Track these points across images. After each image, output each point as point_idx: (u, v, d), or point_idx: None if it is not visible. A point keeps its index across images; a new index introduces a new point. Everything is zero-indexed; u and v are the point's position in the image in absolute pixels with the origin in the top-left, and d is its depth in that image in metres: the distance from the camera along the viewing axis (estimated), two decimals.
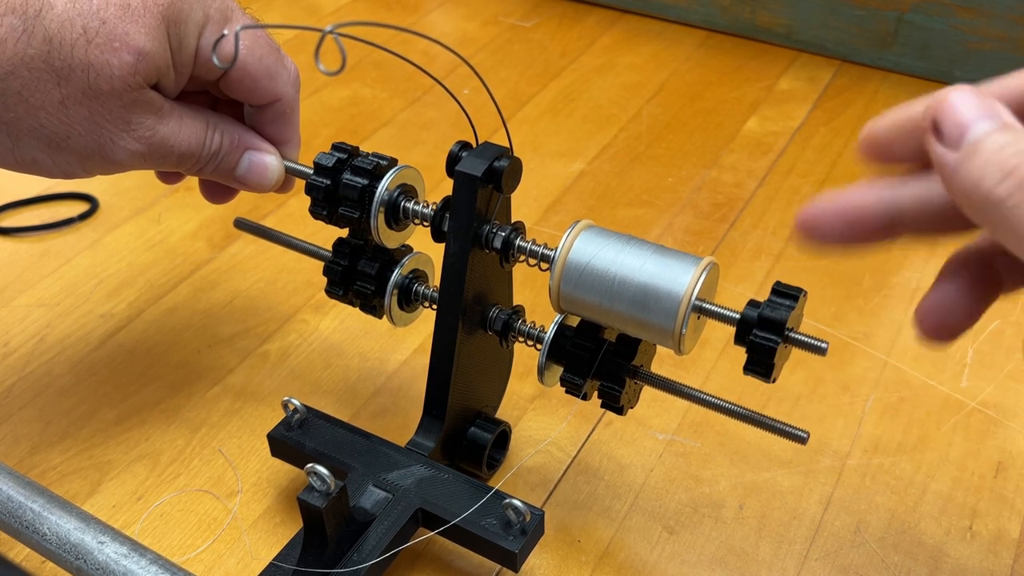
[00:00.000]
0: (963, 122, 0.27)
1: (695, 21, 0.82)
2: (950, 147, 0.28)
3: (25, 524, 0.37)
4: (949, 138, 0.28)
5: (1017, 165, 0.26)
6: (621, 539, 0.42)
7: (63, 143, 0.37)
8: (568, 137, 0.69)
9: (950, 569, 0.41)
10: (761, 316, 0.34)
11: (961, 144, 0.27)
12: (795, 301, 0.34)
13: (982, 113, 0.27)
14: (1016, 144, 0.26)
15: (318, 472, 0.35)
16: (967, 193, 0.27)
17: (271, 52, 0.40)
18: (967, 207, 0.28)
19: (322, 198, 0.41)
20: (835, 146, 0.68)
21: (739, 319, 0.34)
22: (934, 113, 0.28)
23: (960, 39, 0.72)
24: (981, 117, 0.27)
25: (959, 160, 0.27)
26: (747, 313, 0.34)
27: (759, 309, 0.34)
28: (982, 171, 0.27)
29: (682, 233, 0.60)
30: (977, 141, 0.27)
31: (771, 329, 0.33)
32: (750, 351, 0.34)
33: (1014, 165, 0.26)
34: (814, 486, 0.44)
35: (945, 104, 0.28)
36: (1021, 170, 0.26)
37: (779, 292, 0.34)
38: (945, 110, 0.28)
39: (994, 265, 0.32)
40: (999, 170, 0.26)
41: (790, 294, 0.34)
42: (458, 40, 0.81)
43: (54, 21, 0.35)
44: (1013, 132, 0.27)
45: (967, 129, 0.27)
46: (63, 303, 0.54)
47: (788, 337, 0.34)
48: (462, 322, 0.39)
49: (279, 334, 0.53)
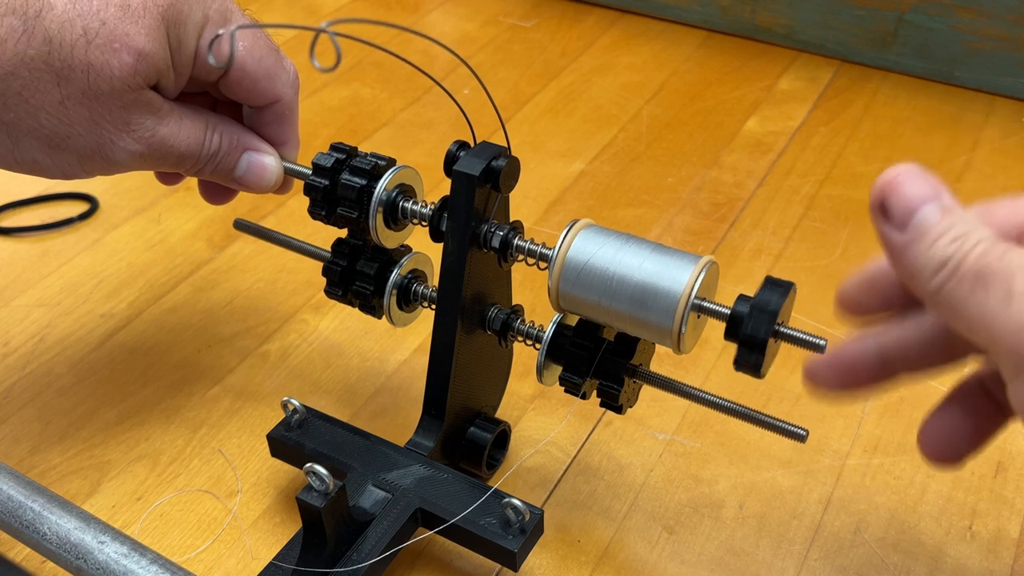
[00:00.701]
0: (910, 204, 0.28)
1: (695, 21, 0.82)
2: (897, 228, 0.29)
3: (25, 524, 0.37)
4: (896, 219, 0.29)
5: (951, 254, 0.27)
6: (621, 539, 0.42)
7: (63, 143, 0.37)
8: (568, 137, 0.69)
9: (950, 569, 0.41)
10: (750, 311, 0.34)
11: (907, 226, 0.28)
12: (784, 296, 0.34)
13: (928, 196, 0.28)
14: (954, 230, 0.28)
15: (317, 472, 0.35)
16: (911, 276, 0.28)
17: (270, 53, 0.40)
18: (912, 287, 0.29)
19: (321, 198, 0.41)
20: (835, 146, 0.68)
21: (729, 314, 0.34)
22: (883, 192, 0.29)
23: (960, 39, 0.72)
24: (927, 200, 0.28)
25: (905, 243, 0.28)
26: (737, 308, 0.34)
27: (748, 303, 0.34)
28: (924, 258, 0.28)
29: (682, 233, 0.60)
30: (922, 226, 0.28)
31: (760, 324, 0.33)
32: (740, 346, 0.34)
33: (949, 254, 0.27)
34: (814, 486, 0.44)
35: (892, 185, 0.29)
36: (955, 259, 0.27)
37: (768, 287, 0.34)
38: (893, 191, 0.29)
39: (990, 388, 0.33)
40: (938, 259, 0.27)
41: (779, 288, 0.34)
42: (458, 40, 0.81)
43: (54, 22, 0.35)
44: (954, 216, 0.28)
45: (914, 212, 0.28)
46: (63, 303, 0.54)
47: (778, 332, 0.34)
48: (461, 322, 0.39)
49: (279, 334, 0.53)
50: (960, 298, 0.27)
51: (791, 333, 0.34)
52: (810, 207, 0.62)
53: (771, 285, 0.34)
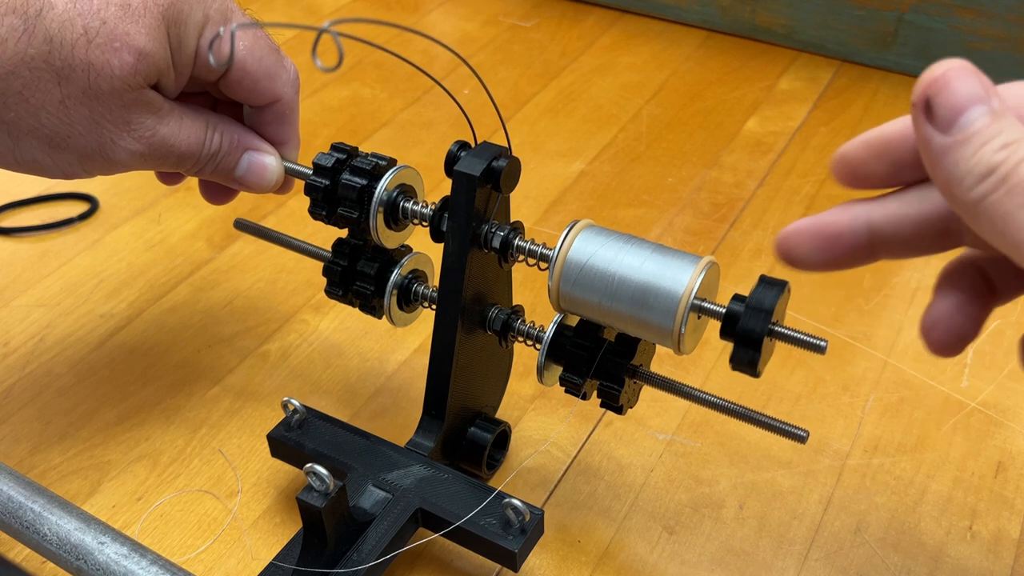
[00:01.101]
0: (958, 105, 0.26)
1: (695, 21, 0.82)
2: (940, 130, 0.26)
3: (25, 524, 0.37)
4: (941, 120, 0.26)
5: (1002, 162, 0.25)
6: (621, 539, 0.42)
7: (63, 143, 0.37)
8: (568, 137, 0.69)
9: (950, 569, 0.41)
10: (745, 310, 0.33)
11: (952, 129, 0.26)
12: (779, 294, 0.34)
13: (978, 97, 0.26)
14: (1004, 136, 0.26)
15: (317, 472, 0.35)
16: (949, 183, 0.26)
17: (271, 53, 0.40)
18: (947, 195, 0.27)
19: (321, 198, 0.41)
20: (835, 146, 0.67)
21: (724, 313, 0.34)
22: (927, 90, 0.27)
23: (960, 39, 0.72)
24: (977, 101, 0.26)
25: (948, 146, 0.26)
26: (732, 307, 0.34)
27: (743, 302, 0.34)
28: (968, 164, 0.26)
29: (682, 233, 0.60)
30: (969, 129, 0.26)
31: (755, 322, 0.33)
32: (735, 344, 0.34)
33: (999, 161, 0.25)
34: (814, 486, 0.44)
35: (941, 81, 0.26)
36: (1004, 168, 0.25)
37: (763, 285, 0.34)
38: (940, 88, 0.26)
39: (988, 272, 0.31)
40: (985, 166, 0.25)
41: (774, 287, 0.34)
42: (458, 40, 0.81)
43: (55, 21, 0.35)
44: (1003, 122, 0.26)
45: (961, 114, 0.26)
46: (63, 303, 0.54)
47: (773, 331, 0.34)
48: (461, 322, 0.39)
49: (279, 334, 0.53)
50: (1007, 211, 0.25)
51: (786, 332, 0.34)
52: (810, 207, 0.62)
53: (765, 284, 0.34)
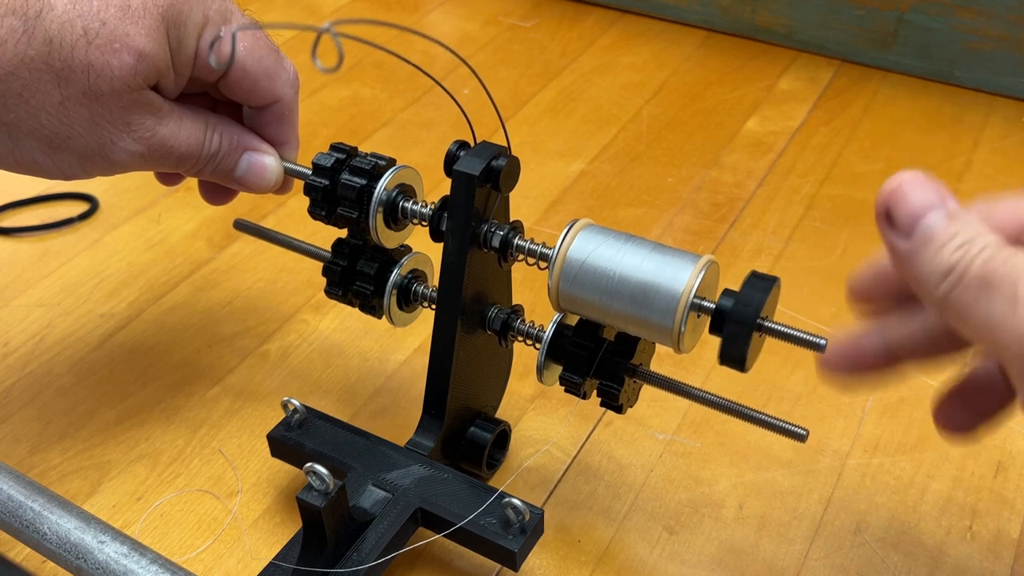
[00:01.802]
0: (915, 212, 0.28)
1: (695, 21, 0.82)
2: (903, 236, 0.29)
3: (25, 524, 0.37)
4: (901, 227, 0.29)
5: (959, 260, 0.27)
6: (621, 539, 0.42)
7: (63, 144, 0.37)
8: (568, 137, 0.69)
9: (950, 569, 0.41)
10: (734, 305, 0.34)
11: (912, 235, 0.28)
12: (767, 290, 0.34)
13: (932, 204, 0.28)
14: (960, 237, 0.28)
15: (317, 472, 0.35)
16: (918, 283, 0.29)
17: (270, 53, 0.40)
18: (919, 294, 0.29)
19: (321, 198, 0.41)
20: (835, 146, 0.68)
21: (714, 308, 0.34)
22: (887, 201, 0.29)
23: (960, 39, 0.72)
24: (932, 208, 0.28)
25: (911, 250, 0.28)
26: (721, 302, 0.34)
27: (732, 298, 0.34)
28: (931, 265, 0.28)
29: (682, 233, 0.60)
30: (928, 233, 0.28)
31: (743, 317, 0.33)
32: (723, 340, 0.34)
33: (956, 260, 0.27)
34: (814, 486, 0.44)
35: (897, 192, 0.29)
36: (960, 266, 0.27)
37: (752, 281, 0.34)
38: (898, 199, 0.29)
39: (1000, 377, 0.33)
40: (945, 264, 0.28)
41: (763, 283, 0.34)
42: (458, 40, 0.81)
43: (54, 22, 0.35)
44: (959, 222, 0.28)
45: (919, 219, 0.28)
46: (63, 303, 0.54)
47: (762, 326, 0.34)
48: (461, 321, 0.39)
49: (279, 334, 0.53)
50: (966, 304, 0.27)
51: (779, 328, 0.34)
52: (810, 207, 0.62)
53: (755, 280, 0.34)
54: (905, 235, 0.29)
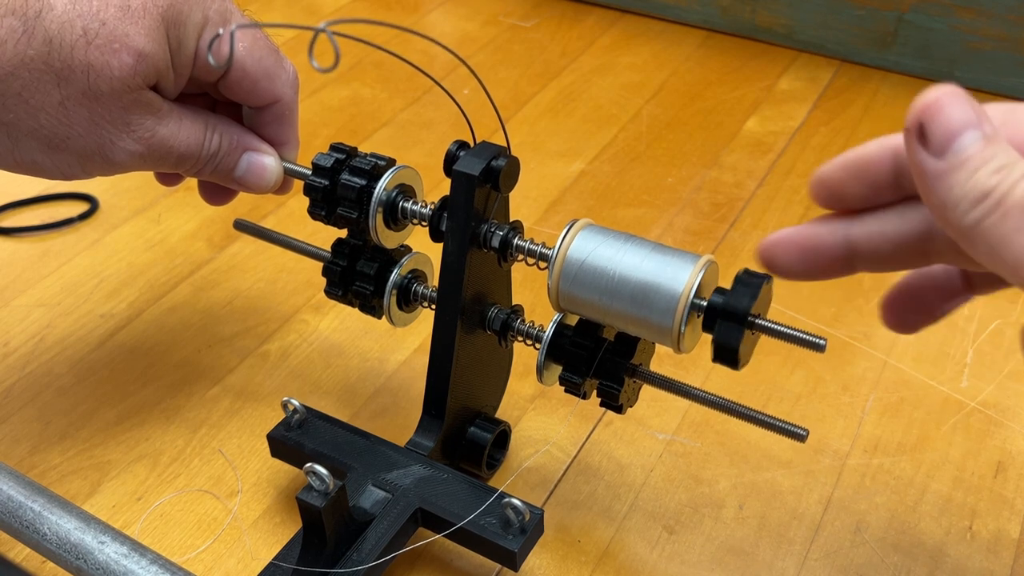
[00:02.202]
0: (951, 130, 0.26)
1: (695, 21, 0.82)
2: (934, 154, 0.27)
3: (25, 524, 0.37)
4: (935, 145, 0.27)
5: (996, 185, 0.25)
6: (621, 539, 0.42)
7: (63, 144, 0.37)
8: (568, 137, 0.69)
9: (950, 569, 0.41)
10: (726, 303, 0.34)
11: (946, 154, 0.26)
12: (759, 287, 0.34)
13: (971, 122, 0.26)
14: (998, 160, 0.26)
15: (317, 472, 0.35)
16: (944, 208, 0.27)
17: (270, 54, 0.40)
18: (941, 219, 0.27)
19: (320, 199, 0.41)
20: (835, 146, 0.68)
21: (706, 306, 0.34)
22: (921, 115, 0.27)
23: (960, 39, 0.72)
24: (970, 127, 0.26)
25: (942, 171, 0.26)
26: (713, 300, 0.34)
27: (724, 295, 0.34)
28: (963, 189, 0.26)
29: (682, 233, 0.60)
30: (963, 154, 0.26)
31: (735, 316, 0.33)
32: (715, 337, 0.34)
33: (993, 185, 0.26)
34: (814, 486, 0.44)
35: (934, 107, 0.27)
36: (998, 191, 0.25)
37: (744, 279, 0.34)
38: (934, 114, 0.27)
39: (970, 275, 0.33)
40: (979, 190, 0.26)
41: (755, 281, 0.34)
42: (458, 40, 0.81)
43: (54, 22, 0.35)
44: (996, 146, 0.26)
45: (955, 138, 0.26)
46: (63, 303, 0.54)
47: (754, 323, 0.34)
48: (461, 322, 0.39)
49: (279, 334, 0.53)
50: (1003, 234, 0.25)
51: (768, 325, 0.34)
52: (810, 207, 0.62)
53: (747, 277, 0.34)
54: (938, 153, 0.26)
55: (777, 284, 0.36)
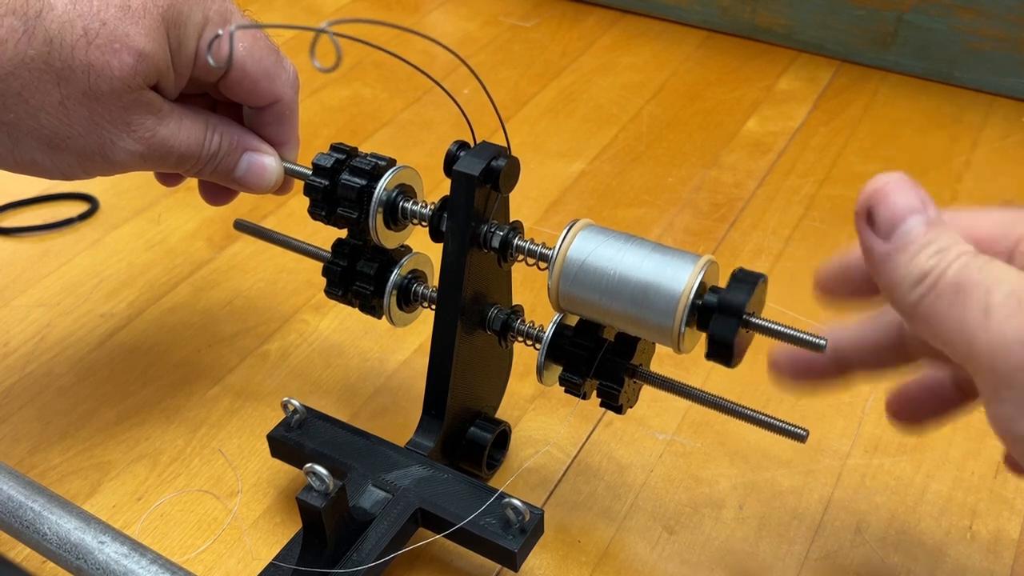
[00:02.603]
0: (896, 215, 0.28)
1: (695, 21, 0.82)
2: (882, 237, 0.29)
3: (25, 524, 0.37)
4: (881, 228, 0.29)
5: (934, 267, 0.27)
6: (621, 539, 0.42)
7: (63, 144, 0.37)
8: (568, 137, 0.69)
9: (950, 569, 0.41)
10: (720, 301, 0.34)
11: (891, 237, 0.28)
12: (753, 286, 0.34)
13: (915, 208, 0.28)
14: (937, 244, 0.28)
15: (317, 472, 0.35)
16: (890, 287, 0.28)
17: (270, 54, 0.40)
18: (890, 299, 0.29)
19: (321, 199, 0.41)
20: (835, 146, 0.68)
21: (700, 305, 0.34)
22: (868, 201, 0.29)
23: (960, 39, 0.72)
24: (913, 212, 0.28)
25: (888, 253, 0.28)
26: (707, 299, 0.34)
27: (718, 295, 0.34)
28: (906, 269, 0.28)
29: (682, 233, 0.60)
30: (906, 237, 0.28)
31: (729, 314, 0.33)
32: (709, 335, 0.34)
33: (932, 267, 0.27)
34: (814, 486, 0.44)
35: (881, 193, 0.29)
36: (935, 272, 0.27)
37: (738, 278, 0.34)
38: (880, 200, 0.29)
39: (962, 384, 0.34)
40: (919, 270, 0.27)
41: (749, 280, 0.34)
42: (458, 40, 0.81)
43: (54, 22, 0.35)
44: (938, 230, 0.28)
45: (899, 223, 0.28)
46: (63, 303, 0.54)
47: (748, 322, 0.34)
48: (461, 322, 0.39)
49: (279, 334, 0.53)
50: (939, 312, 0.27)
51: (767, 324, 0.34)
52: (810, 207, 0.62)
53: (740, 275, 0.34)
54: (884, 237, 0.29)
55: (777, 284, 0.36)
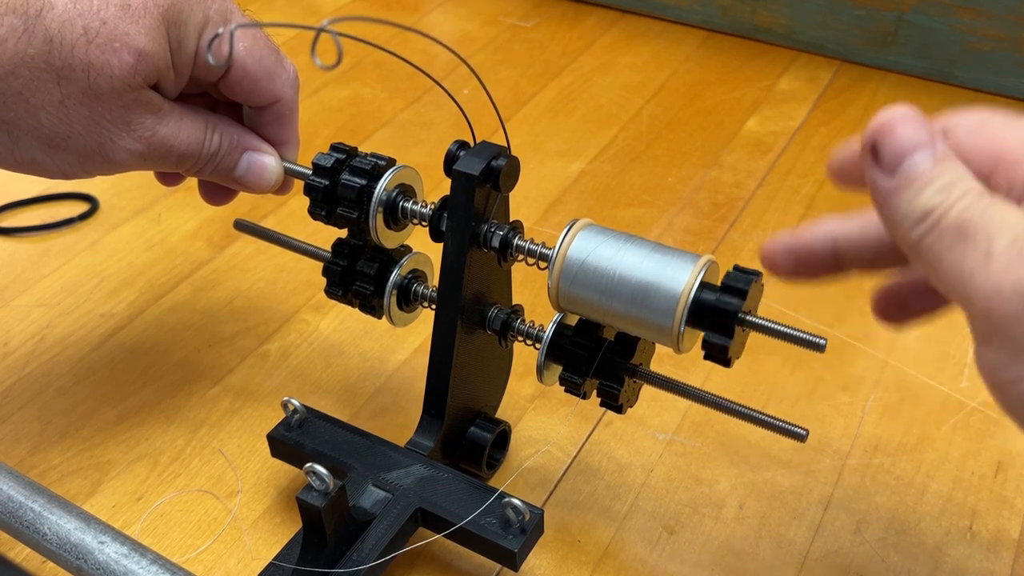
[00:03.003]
0: (902, 150, 0.28)
1: (695, 21, 0.82)
2: (886, 172, 0.28)
3: (25, 524, 0.37)
4: (886, 163, 0.28)
5: (937, 205, 0.27)
6: (621, 539, 0.42)
7: (63, 143, 0.37)
8: (568, 137, 0.69)
9: (950, 569, 0.41)
10: (716, 300, 0.34)
11: (896, 172, 0.28)
12: (748, 284, 0.34)
13: (921, 143, 0.27)
14: (943, 180, 0.27)
15: (317, 472, 0.35)
16: (892, 224, 0.28)
17: (270, 53, 0.40)
18: (892, 235, 0.29)
19: (321, 198, 0.41)
20: (835, 146, 0.68)
21: (695, 303, 0.34)
22: (874, 135, 0.28)
23: (960, 39, 0.72)
24: (920, 147, 0.27)
25: (892, 188, 0.28)
26: (706, 298, 0.34)
27: (715, 292, 0.34)
28: (909, 207, 0.27)
29: (682, 233, 0.60)
30: (911, 172, 0.27)
31: (726, 314, 0.33)
32: (705, 334, 0.34)
33: (935, 205, 0.27)
34: (814, 486, 0.44)
35: (886, 127, 0.28)
36: (938, 211, 0.27)
37: (734, 276, 0.34)
38: (886, 134, 0.28)
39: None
40: (922, 209, 0.27)
41: (745, 277, 0.34)
42: (458, 40, 0.81)
43: (55, 21, 0.35)
44: (945, 166, 0.27)
45: (904, 158, 0.27)
46: (63, 303, 0.54)
47: (744, 320, 0.34)
48: (461, 321, 0.39)
49: (279, 334, 0.53)
50: (939, 253, 0.26)
51: (757, 321, 0.34)
52: (810, 207, 0.62)
53: (736, 274, 0.34)
54: (888, 172, 0.28)
55: (778, 285, 0.36)
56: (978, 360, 0.27)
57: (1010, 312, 0.25)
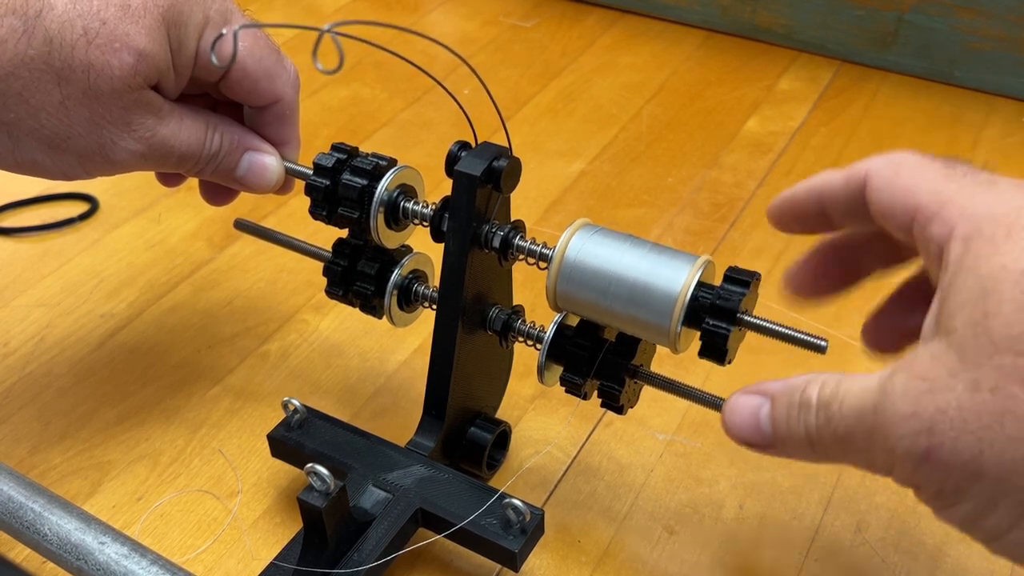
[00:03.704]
0: (747, 437, 0.32)
1: (695, 21, 0.82)
2: (763, 445, 0.32)
3: (26, 524, 0.37)
4: (755, 444, 0.32)
5: (804, 431, 0.30)
6: (621, 539, 0.42)
7: (63, 144, 0.37)
8: (568, 137, 0.69)
9: (950, 569, 0.41)
10: (714, 301, 0.34)
11: (765, 439, 0.32)
12: (746, 285, 0.34)
13: (753, 410, 0.32)
14: (785, 419, 0.31)
15: (318, 472, 0.35)
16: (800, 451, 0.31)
17: (271, 53, 0.40)
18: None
19: (322, 198, 0.41)
20: (835, 146, 0.68)
21: (692, 302, 0.34)
22: (728, 432, 0.32)
23: (960, 39, 0.72)
24: (757, 424, 0.32)
25: (777, 443, 0.31)
26: (703, 298, 0.34)
27: (712, 293, 0.34)
28: (797, 449, 0.31)
29: (682, 233, 0.60)
30: (769, 431, 0.31)
31: (723, 314, 0.33)
32: (703, 336, 0.34)
33: (804, 432, 0.30)
34: (814, 486, 0.44)
35: (727, 425, 0.32)
36: (812, 434, 0.30)
37: (731, 276, 0.34)
38: (729, 429, 0.32)
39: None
40: (803, 431, 0.30)
41: (742, 277, 0.34)
42: (458, 40, 0.81)
43: (54, 22, 0.35)
44: (780, 400, 0.31)
45: (760, 433, 0.32)
46: (63, 303, 0.54)
47: (742, 321, 0.34)
48: (462, 322, 0.39)
49: (279, 334, 0.53)
50: (849, 440, 0.29)
51: (757, 322, 0.34)
52: None
53: (735, 274, 0.34)
54: (764, 445, 0.31)
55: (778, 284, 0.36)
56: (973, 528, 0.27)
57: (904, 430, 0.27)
